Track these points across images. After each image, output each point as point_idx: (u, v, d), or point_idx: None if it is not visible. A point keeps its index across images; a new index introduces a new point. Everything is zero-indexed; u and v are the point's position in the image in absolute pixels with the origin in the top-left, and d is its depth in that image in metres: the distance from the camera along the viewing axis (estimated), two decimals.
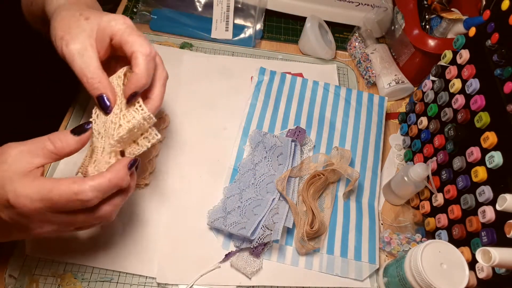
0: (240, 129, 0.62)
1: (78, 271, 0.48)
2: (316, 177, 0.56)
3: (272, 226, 0.50)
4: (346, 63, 0.76)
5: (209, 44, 0.73)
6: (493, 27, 0.47)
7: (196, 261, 0.50)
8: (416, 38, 0.65)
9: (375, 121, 0.65)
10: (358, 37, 0.75)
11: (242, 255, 0.51)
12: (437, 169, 0.55)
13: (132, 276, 0.49)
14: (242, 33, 0.74)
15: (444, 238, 0.51)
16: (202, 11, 0.75)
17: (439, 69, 0.57)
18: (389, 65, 0.72)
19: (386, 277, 0.51)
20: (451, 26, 0.66)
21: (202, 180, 0.57)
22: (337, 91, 0.68)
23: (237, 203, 0.53)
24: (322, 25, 0.75)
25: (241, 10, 0.75)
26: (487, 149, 0.45)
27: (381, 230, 0.57)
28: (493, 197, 0.44)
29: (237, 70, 0.70)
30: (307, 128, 0.63)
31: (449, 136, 0.52)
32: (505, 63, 0.46)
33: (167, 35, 0.73)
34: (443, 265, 0.43)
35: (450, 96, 0.54)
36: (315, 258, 0.53)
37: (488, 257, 0.38)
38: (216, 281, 0.49)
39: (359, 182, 0.59)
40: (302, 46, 0.76)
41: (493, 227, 0.44)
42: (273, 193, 0.54)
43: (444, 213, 0.52)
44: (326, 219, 0.55)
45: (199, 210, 0.53)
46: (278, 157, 0.57)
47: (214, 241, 0.52)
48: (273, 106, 0.64)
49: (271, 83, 0.67)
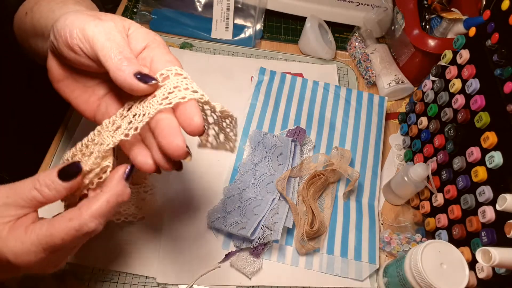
0: (240, 129, 0.61)
1: (78, 271, 0.48)
2: (316, 177, 0.56)
3: (272, 226, 0.50)
4: (346, 63, 0.76)
5: (209, 44, 0.73)
6: (493, 27, 0.47)
7: (196, 261, 0.50)
8: (416, 38, 0.65)
9: (375, 121, 0.65)
10: (358, 37, 0.75)
11: (242, 255, 0.51)
12: (437, 169, 0.55)
13: (132, 276, 0.49)
14: (242, 33, 0.74)
15: (444, 238, 0.51)
16: (202, 11, 0.75)
17: (439, 69, 0.57)
18: (389, 65, 0.72)
19: (386, 277, 0.51)
20: (451, 26, 0.66)
21: (202, 180, 0.57)
22: (337, 91, 0.68)
23: (237, 203, 0.53)
24: (322, 25, 0.75)
25: (241, 10, 0.75)
26: (487, 149, 0.45)
27: (381, 230, 0.57)
28: (493, 197, 0.44)
29: (237, 70, 0.70)
30: (307, 128, 0.63)
31: (449, 136, 0.52)
32: (505, 63, 0.46)
33: (167, 35, 0.73)
34: (443, 265, 0.43)
35: (450, 96, 0.54)
36: (315, 258, 0.53)
37: (488, 257, 0.38)
38: (216, 281, 0.49)
39: (359, 182, 0.59)
40: (302, 46, 0.76)
41: (493, 227, 0.44)
42: (273, 193, 0.54)
43: (444, 213, 0.52)
44: (326, 219, 0.55)
45: (199, 210, 0.53)
46: (278, 157, 0.57)
47: (214, 241, 0.52)
48: (273, 106, 0.64)
49: (271, 83, 0.67)
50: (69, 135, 0.57)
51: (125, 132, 0.30)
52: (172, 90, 0.30)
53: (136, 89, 0.29)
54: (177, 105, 0.29)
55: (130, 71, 0.29)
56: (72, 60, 0.32)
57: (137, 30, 0.33)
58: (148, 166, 0.32)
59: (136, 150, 0.32)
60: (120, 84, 0.30)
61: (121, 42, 0.30)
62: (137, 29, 0.33)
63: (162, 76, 0.30)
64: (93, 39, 0.30)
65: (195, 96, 0.30)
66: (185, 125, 0.29)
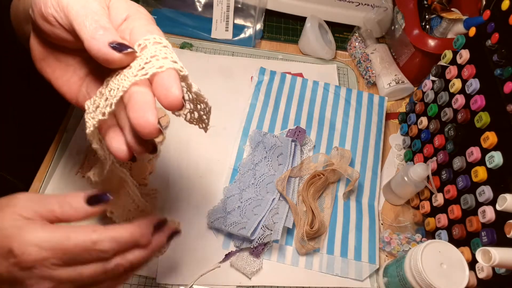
0: (240, 129, 0.61)
1: None
2: (316, 177, 0.56)
3: (272, 226, 0.50)
4: (346, 63, 0.76)
5: (209, 44, 0.73)
6: (493, 27, 0.47)
7: (196, 261, 0.50)
8: (416, 38, 0.65)
9: (375, 121, 0.65)
10: (358, 37, 0.75)
11: (242, 255, 0.51)
12: (437, 169, 0.55)
13: (132, 276, 0.49)
14: (242, 33, 0.74)
15: (444, 238, 0.51)
16: (202, 11, 0.75)
17: (439, 69, 0.57)
18: (389, 65, 0.72)
19: (386, 277, 0.51)
20: (451, 26, 0.66)
21: (202, 180, 0.57)
22: (337, 91, 0.68)
23: (237, 203, 0.53)
24: (322, 25, 0.75)
25: (241, 10, 0.75)
26: (487, 149, 0.45)
27: (381, 230, 0.57)
28: (493, 197, 0.44)
29: (237, 70, 0.70)
30: (307, 128, 0.63)
31: (449, 136, 0.52)
32: (505, 63, 0.46)
33: (167, 35, 0.73)
34: (443, 265, 0.43)
35: (450, 96, 0.54)
36: (315, 258, 0.53)
37: (488, 257, 0.38)
38: (216, 281, 0.49)
39: (359, 182, 0.59)
40: (302, 46, 0.76)
41: (493, 227, 0.44)
42: (273, 193, 0.54)
43: (444, 213, 0.52)
44: (326, 219, 0.55)
45: (199, 210, 0.53)
46: (278, 157, 0.57)
47: (214, 241, 0.52)
48: (273, 106, 0.64)
49: (271, 83, 0.67)
50: (69, 135, 0.58)
51: (102, 111, 0.27)
52: (149, 60, 0.26)
53: (111, 59, 0.26)
54: (154, 76, 0.26)
55: (105, 40, 0.26)
56: (48, 32, 0.30)
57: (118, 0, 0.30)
58: (121, 153, 0.29)
59: (111, 134, 0.30)
60: (94, 55, 0.27)
61: (99, 10, 0.28)
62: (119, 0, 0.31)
63: (140, 46, 0.27)
64: (67, 6, 0.28)
65: (174, 66, 0.26)
66: (162, 97, 0.26)
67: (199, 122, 0.34)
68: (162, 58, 0.27)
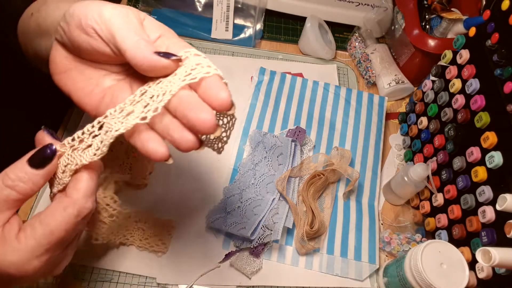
0: (240, 129, 0.61)
1: (78, 271, 0.48)
2: (316, 177, 0.56)
3: (272, 226, 0.50)
4: (346, 63, 0.76)
5: (209, 44, 0.73)
6: (493, 27, 0.47)
7: (196, 261, 0.50)
8: (416, 38, 0.65)
9: (375, 121, 0.65)
10: (358, 37, 0.75)
11: (242, 255, 0.51)
12: (437, 169, 0.55)
13: (132, 276, 0.49)
14: (242, 33, 0.74)
15: (444, 238, 0.51)
16: (202, 11, 0.75)
17: (439, 69, 0.57)
18: (389, 65, 0.72)
19: (386, 277, 0.51)
20: (451, 26, 0.66)
21: (202, 180, 0.57)
22: (337, 91, 0.68)
23: (237, 203, 0.53)
24: (322, 25, 0.75)
25: (241, 10, 0.75)
26: (487, 149, 0.45)
27: (381, 230, 0.57)
28: (493, 197, 0.44)
29: (237, 70, 0.70)
30: (307, 128, 0.63)
31: (449, 136, 0.52)
32: (505, 63, 0.46)
33: None
34: (443, 265, 0.43)
35: (450, 96, 0.54)
36: (315, 258, 0.53)
37: (488, 257, 0.38)
38: (216, 281, 0.49)
39: (359, 182, 0.59)
40: (302, 46, 0.76)
41: (493, 227, 0.44)
42: (273, 193, 0.54)
43: (444, 213, 0.52)
44: (326, 219, 0.55)
45: (199, 210, 0.53)
46: (278, 157, 0.57)
47: (214, 241, 0.52)
48: (273, 106, 0.64)
49: (271, 83, 0.67)
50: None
51: (141, 116, 0.28)
52: (195, 67, 0.28)
53: (158, 65, 0.28)
54: (200, 82, 0.28)
55: (150, 49, 0.28)
56: (83, 44, 0.31)
57: (151, 21, 0.33)
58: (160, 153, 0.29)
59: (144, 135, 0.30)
60: (139, 62, 0.28)
61: (138, 26, 0.30)
62: (152, 20, 0.33)
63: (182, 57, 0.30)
64: (110, 20, 0.29)
65: (219, 72, 0.28)
66: (213, 99, 0.27)
67: (214, 143, 0.35)
68: (206, 66, 0.29)
